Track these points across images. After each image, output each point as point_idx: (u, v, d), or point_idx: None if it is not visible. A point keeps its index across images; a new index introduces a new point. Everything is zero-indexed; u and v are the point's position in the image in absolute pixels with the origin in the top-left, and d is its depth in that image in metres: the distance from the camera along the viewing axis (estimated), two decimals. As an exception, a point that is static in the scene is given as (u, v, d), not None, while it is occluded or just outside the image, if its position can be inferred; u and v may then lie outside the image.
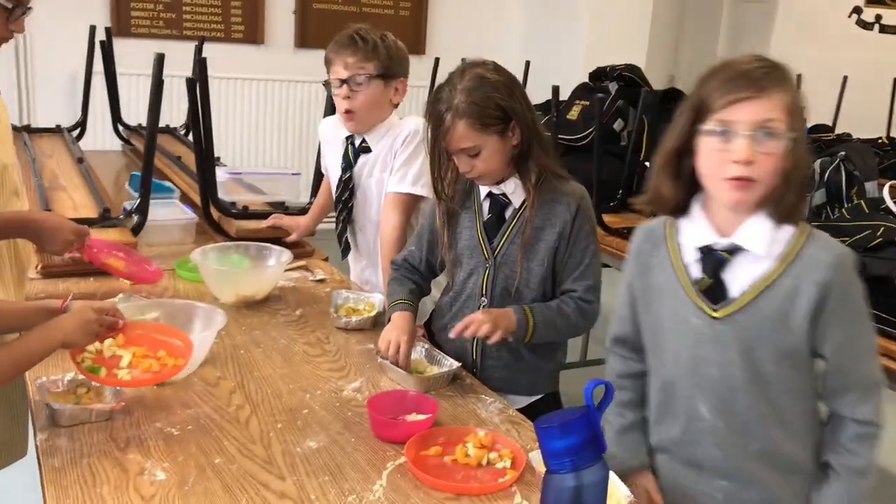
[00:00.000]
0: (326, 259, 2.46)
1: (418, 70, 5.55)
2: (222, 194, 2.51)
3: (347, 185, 2.19)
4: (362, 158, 2.16)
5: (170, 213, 2.58)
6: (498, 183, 1.72)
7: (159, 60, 2.22)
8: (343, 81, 2.06)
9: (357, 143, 2.17)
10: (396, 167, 2.09)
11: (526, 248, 1.69)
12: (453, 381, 1.67)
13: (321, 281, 2.24)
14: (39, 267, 2.08)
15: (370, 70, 2.06)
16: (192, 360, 1.58)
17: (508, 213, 1.73)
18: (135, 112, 4.59)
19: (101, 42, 3.33)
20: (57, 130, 3.78)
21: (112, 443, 1.35)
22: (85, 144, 4.07)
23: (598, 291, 1.73)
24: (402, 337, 1.69)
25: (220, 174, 2.49)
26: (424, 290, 1.90)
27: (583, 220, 1.69)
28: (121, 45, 4.87)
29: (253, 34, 5.36)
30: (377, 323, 1.93)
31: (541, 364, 1.79)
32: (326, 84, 2.12)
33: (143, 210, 2.30)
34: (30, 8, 1.75)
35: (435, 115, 1.64)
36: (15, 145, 3.51)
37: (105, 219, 2.28)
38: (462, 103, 1.61)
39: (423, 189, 2.07)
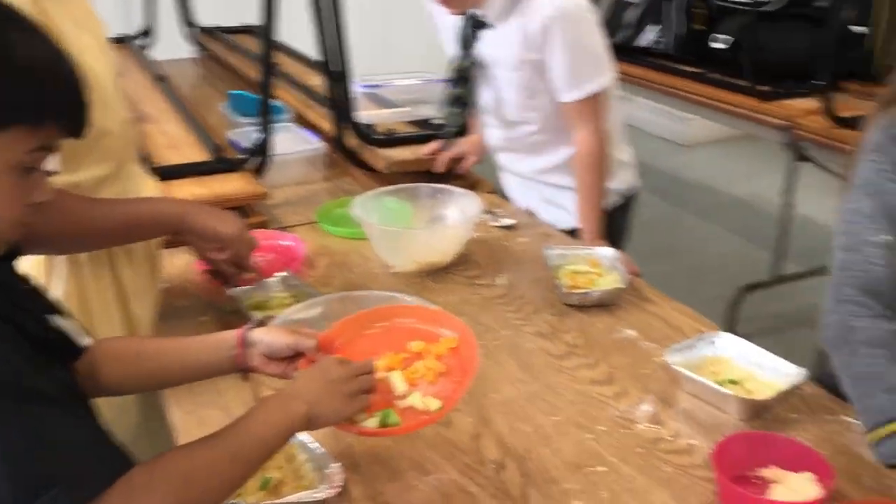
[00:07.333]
0: (495, 192, 1.91)
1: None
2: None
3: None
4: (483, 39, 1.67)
5: (289, 141, 2.03)
6: None
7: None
8: None
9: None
10: (556, 69, 1.59)
11: None
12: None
13: (510, 227, 1.70)
14: None
15: None
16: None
17: None
18: (211, 9, 3.97)
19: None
20: (122, 41, 3.16)
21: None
22: (153, 55, 3.51)
23: None
24: None
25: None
26: None
27: None
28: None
29: None
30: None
31: None
32: None
33: (264, 147, 1.76)
34: None
35: None
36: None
37: (221, 162, 1.75)
38: None
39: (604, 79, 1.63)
